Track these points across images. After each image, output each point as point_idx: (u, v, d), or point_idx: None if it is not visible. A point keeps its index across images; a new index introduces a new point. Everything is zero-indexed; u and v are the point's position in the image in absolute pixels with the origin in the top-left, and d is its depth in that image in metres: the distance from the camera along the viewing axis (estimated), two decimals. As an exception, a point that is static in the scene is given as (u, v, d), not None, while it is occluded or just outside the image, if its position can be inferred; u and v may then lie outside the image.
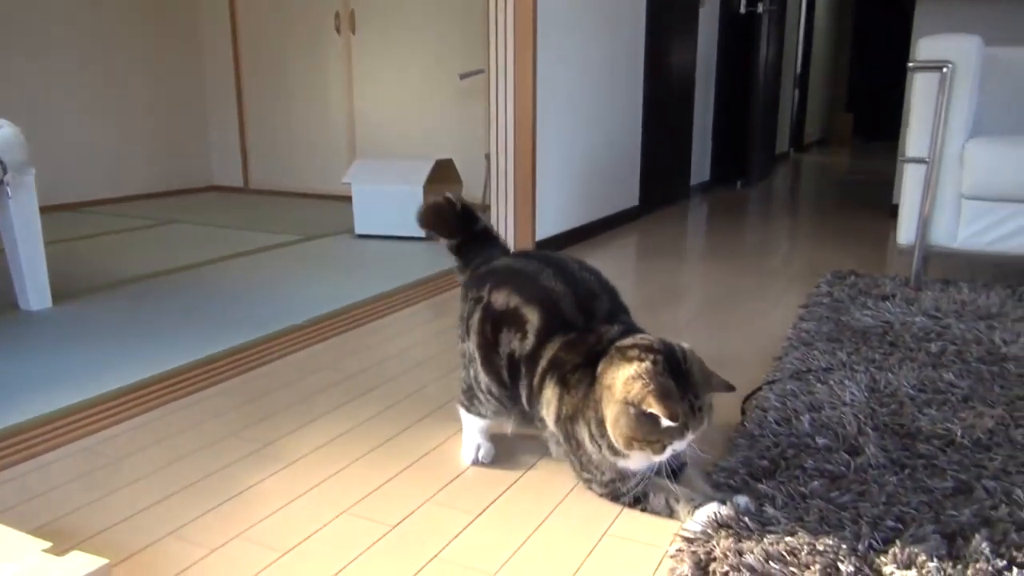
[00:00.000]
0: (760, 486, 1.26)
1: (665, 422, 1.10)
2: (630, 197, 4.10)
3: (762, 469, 1.33)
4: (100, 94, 4.72)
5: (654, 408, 1.09)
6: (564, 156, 3.37)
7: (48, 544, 1.06)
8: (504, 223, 3.19)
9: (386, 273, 2.97)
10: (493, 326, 1.33)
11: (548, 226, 3.28)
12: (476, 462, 1.42)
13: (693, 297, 2.62)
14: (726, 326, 2.26)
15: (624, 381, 1.13)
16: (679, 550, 1.12)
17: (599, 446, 1.20)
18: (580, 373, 1.22)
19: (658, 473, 1.25)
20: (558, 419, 1.26)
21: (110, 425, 1.61)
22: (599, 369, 1.19)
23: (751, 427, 1.51)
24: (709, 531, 1.15)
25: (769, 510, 1.19)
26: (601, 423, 1.17)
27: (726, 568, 1.04)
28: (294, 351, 2.06)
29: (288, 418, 1.64)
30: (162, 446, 1.51)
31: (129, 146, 4.93)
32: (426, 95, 4.70)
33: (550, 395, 1.26)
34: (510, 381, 1.33)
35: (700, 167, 5.19)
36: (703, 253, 3.37)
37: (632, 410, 1.11)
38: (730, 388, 1.19)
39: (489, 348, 1.34)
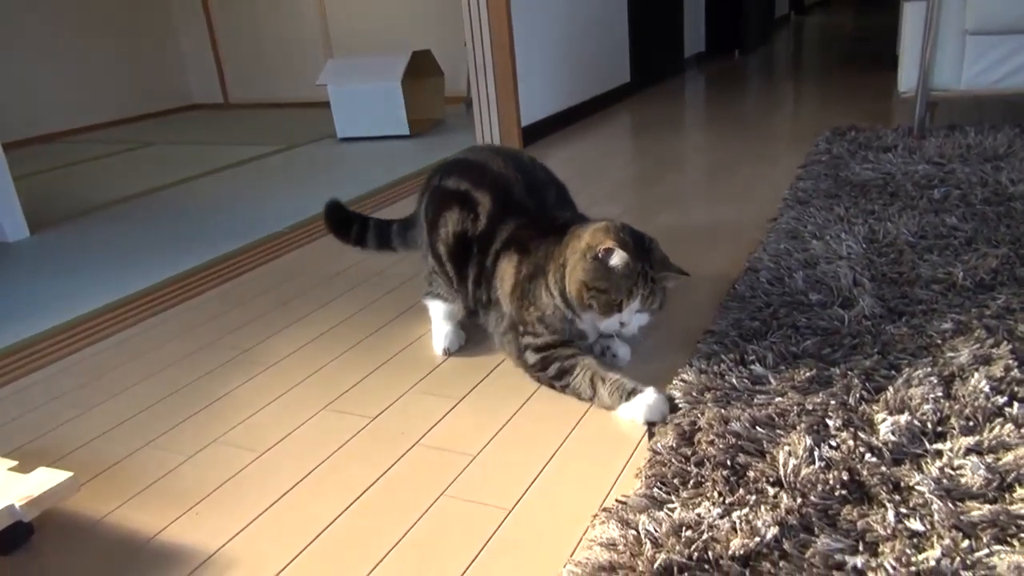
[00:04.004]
0: (751, 346, 1.21)
1: (616, 259, 1.13)
2: (620, 74, 3.91)
3: (753, 330, 1.28)
4: (61, 22, 4.51)
5: (608, 242, 1.13)
6: (545, 35, 3.19)
7: (14, 463, 1.04)
8: (487, 111, 3.05)
9: (368, 174, 2.88)
10: (439, 206, 1.36)
11: (534, 111, 3.13)
12: (447, 351, 1.38)
13: (691, 168, 2.51)
14: (725, 193, 2.16)
15: (591, 233, 1.18)
16: (663, 423, 1.07)
17: (553, 295, 1.21)
18: (540, 240, 1.25)
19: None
20: (514, 286, 1.25)
21: (89, 344, 1.57)
22: (571, 230, 1.22)
23: (742, 289, 1.44)
24: (693, 394, 1.10)
25: (758, 369, 1.14)
26: (562, 267, 1.19)
27: (711, 437, 1.00)
28: (273, 259, 2.00)
29: (265, 324, 1.59)
30: (140, 360, 1.48)
31: (99, 72, 4.75)
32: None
33: (506, 266, 1.27)
34: (460, 260, 1.34)
35: (694, 38, 4.93)
36: (700, 124, 3.23)
37: (589, 254, 1.15)
38: (684, 274, 1.22)
39: (432, 228, 1.37)
